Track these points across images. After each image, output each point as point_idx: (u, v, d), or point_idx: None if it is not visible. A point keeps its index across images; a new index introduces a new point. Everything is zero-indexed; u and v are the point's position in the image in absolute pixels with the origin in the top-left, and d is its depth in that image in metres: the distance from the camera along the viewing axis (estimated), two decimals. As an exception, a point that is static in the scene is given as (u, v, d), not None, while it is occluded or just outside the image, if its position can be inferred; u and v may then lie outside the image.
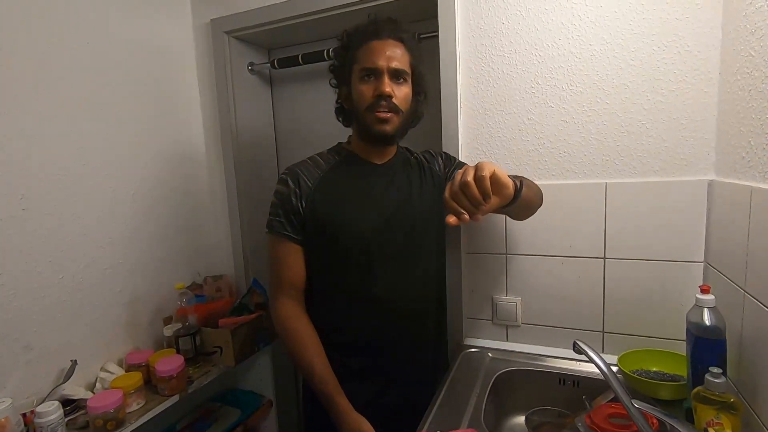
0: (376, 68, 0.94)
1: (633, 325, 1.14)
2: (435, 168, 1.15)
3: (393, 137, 1.00)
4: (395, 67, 0.95)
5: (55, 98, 1.19)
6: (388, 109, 0.95)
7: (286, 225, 1.00)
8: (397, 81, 0.96)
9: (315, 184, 1.01)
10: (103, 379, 1.23)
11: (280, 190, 1.02)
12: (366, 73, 0.96)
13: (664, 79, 1.05)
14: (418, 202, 1.06)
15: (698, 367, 0.83)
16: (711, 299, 0.84)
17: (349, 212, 1.00)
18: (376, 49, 0.95)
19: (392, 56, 0.95)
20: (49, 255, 1.17)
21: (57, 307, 1.19)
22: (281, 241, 1.01)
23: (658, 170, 1.08)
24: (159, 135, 1.50)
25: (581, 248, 1.16)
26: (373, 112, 0.95)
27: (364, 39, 0.97)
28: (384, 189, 1.04)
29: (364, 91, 0.96)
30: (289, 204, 0.99)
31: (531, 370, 1.14)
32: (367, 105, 0.96)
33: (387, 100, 0.94)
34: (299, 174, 1.01)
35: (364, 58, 0.96)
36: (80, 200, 1.25)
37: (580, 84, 1.12)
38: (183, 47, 1.61)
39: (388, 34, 0.97)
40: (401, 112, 0.98)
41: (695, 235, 1.05)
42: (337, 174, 1.04)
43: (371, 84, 0.95)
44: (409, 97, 1.00)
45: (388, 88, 0.93)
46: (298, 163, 1.06)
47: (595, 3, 1.09)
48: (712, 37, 1.00)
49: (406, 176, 1.08)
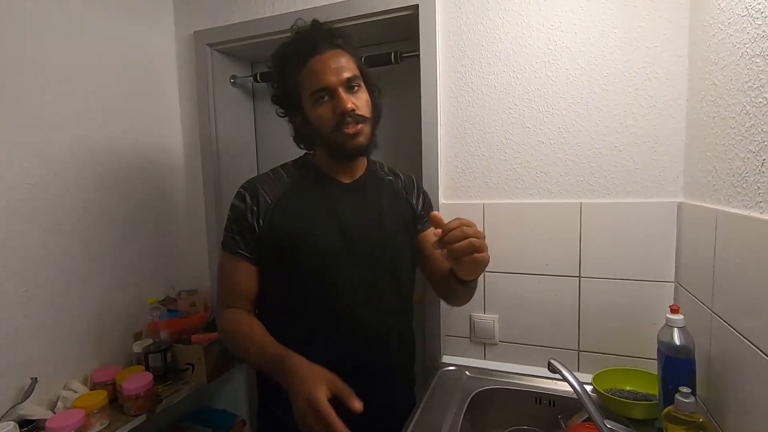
0: (329, 87, 0.87)
1: (607, 343, 1.15)
2: (411, 200, 1.08)
3: (369, 147, 0.94)
4: (346, 77, 0.88)
5: (30, 105, 1.16)
6: (356, 121, 0.89)
7: (240, 243, 0.92)
8: (353, 91, 0.90)
9: (275, 200, 0.93)
10: (66, 397, 1.17)
11: (236, 205, 0.94)
12: (319, 96, 0.89)
13: (635, 104, 1.09)
14: (389, 225, 0.99)
15: (669, 386, 0.84)
16: (680, 319, 0.86)
17: (310, 233, 0.92)
18: (320, 67, 0.88)
19: (339, 67, 0.88)
20: (12, 267, 1.12)
21: (19, 320, 1.13)
22: (234, 259, 0.93)
23: (630, 191, 1.11)
24: (136, 145, 1.47)
25: (557, 267, 1.18)
26: (341, 131, 0.88)
27: (302, 59, 0.90)
28: (351, 210, 0.96)
29: (322, 115, 0.89)
30: (245, 221, 0.92)
31: (508, 389, 1.14)
32: (331, 127, 0.89)
33: (351, 115, 0.88)
34: (258, 189, 0.93)
35: (310, 81, 0.89)
36: (49, 210, 1.21)
37: (556, 106, 1.16)
38: (165, 58, 1.60)
39: (325, 45, 0.89)
40: (368, 119, 0.92)
41: (666, 255, 1.08)
42: (300, 191, 0.96)
43: (328, 105, 0.88)
44: (369, 102, 0.93)
45: (349, 104, 0.87)
46: (259, 176, 0.99)
47: (570, 29, 1.13)
48: (679, 65, 1.05)
49: (376, 196, 1.01)
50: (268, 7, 1.46)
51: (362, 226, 0.95)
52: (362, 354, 0.94)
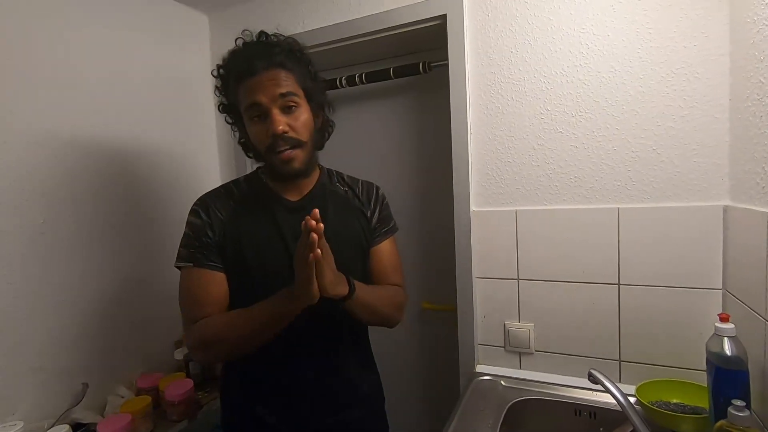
0: (260, 104, 0.85)
1: (651, 353, 1.11)
2: (365, 211, 1.03)
3: (305, 170, 0.91)
4: (279, 93, 0.84)
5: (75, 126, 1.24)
6: (290, 145, 0.86)
7: (209, 255, 0.89)
8: (289, 111, 0.86)
9: (227, 215, 0.92)
10: (113, 402, 1.23)
11: (192, 222, 0.92)
12: (254, 113, 0.86)
13: (674, 105, 1.06)
14: (335, 242, 0.88)
15: (720, 399, 0.80)
16: (731, 328, 0.82)
17: (257, 251, 0.90)
18: (254, 86, 0.85)
19: (273, 86, 0.84)
20: (65, 280, 1.19)
21: (70, 329, 1.20)
22: (203, 272, 0.89)
23: (671, 195, 1.08)
24: (174, 161, 1.54)
25: (594, 274, 1.15)
26: (275, 154, 0.86)
27: (239, 78, 0.87)
28: (296, 229, 0.84)
29: (257, 134, 0.87)
30: (205, 236, 0.90)
31: (545, 400, 1.11)
32: (265, 147, 0.87)
33: (284, 138, 0.85)
34: (209, 205, 0.93)
35: (244, 97, 0.86)
36: (99, 221, 1.28)
37: (590, 110, 1.14)
38: (202, 77, 1.67)
39: (262, 66, 0.85)
40: (304, 143, 0.88)
41: (712, 262, 1.04)
42: (247, 207, 0.94)
43: (263, 124, 0.86)
44: (309, 122, 0.90)
45: (281, 126, 0.84)
46: (210, 192, 0.98)
47: (603, 32, 1.11)
48: (720, 64, 1.01)
49: (322, 213, 0.88)
50: (299, 24, 1.51)
51: None
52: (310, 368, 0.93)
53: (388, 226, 1.06)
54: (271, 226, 0.92)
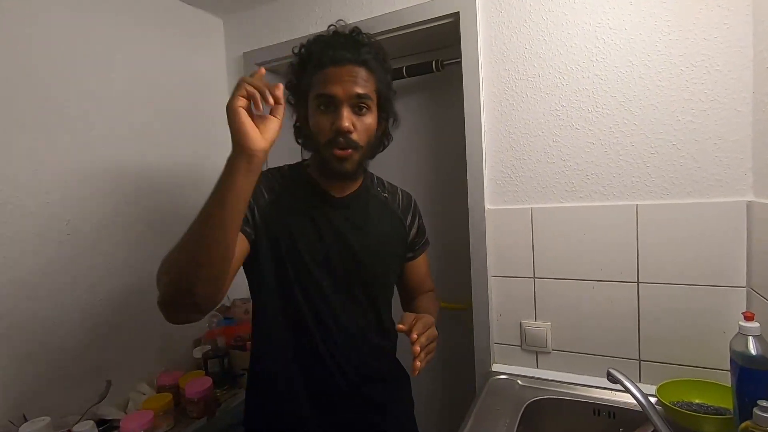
0: (334, 97, 0.83)
1: (672, 353, 1.08)
2: (405, 221, 1.04)
3: (353, 174, 0.90)
4: (357, 92, 0.83)
5: (98, 129, 1.27)
6: (347, 146, 0.84)
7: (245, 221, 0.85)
8: (359, 111, 0.85)
9: (271, 199, 0.90)
10: (135, 399, 1.26)
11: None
12: (323, 102, 0.84)
13: (694, 99, 1.03)
14: (375, 246, 0.95)
15: (745, 399, 0.78)
16: (756, 327, 0.80)
17: (296, 242, 0.88)
18: (333, 76, 0.83)
19: (352, 82, 0.83)
20: (89, 280, 1.23)
21: (96, 328, 1.24)
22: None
23: (691, 191, 1.05)
24: (192, 163, 1.57)
25: (613, 272, 1.13)
26: (332, 149, 0.84)
27: (321, 64, 0.85)
28: (337, 227, 0.92)
29: (320, 124, 0.85)
30: (253, 200, 0.87)
31: (563, 399, 1.10)
32: (325, 140, 0.85)
33: (345, 137, 0.83)
34: (265, 179, 0.92)
35: (318, 85, 0.84)
36: (118, 224, 1.31)
37: (606, 106, 1.12)
38: (217, 79, 1.70)
39: (348, 59, 0.84)
40: (360, 147, 0.86)
41: (735, 259, 1.01)
42: (291, 197, 0.92)
43: (329, 116, 0.84)
44: (372, 129, 0.88)
45: (347, 123, 0.82)
46: (272, 168, 0.97)
47: (620, 26, 1.09)
48: (742, 56, 0.98)
49: (365, 214, 0.97)
50: (311, 25, 1.52)
51: (346, 244, 0.92)
52: (342, 357, 0.92)
53: (423, 239, 1.10)
54: (311, 217, 0.91)
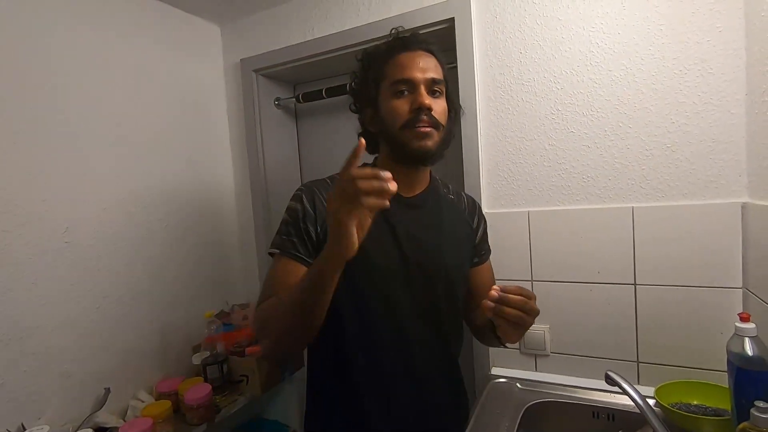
0: (411, 80, 0.83)
1: (669, 354, 1.09)
2: (472, 224, 1.02)
3: (434, 155, 0.86)
4: (432, 77, 0.84)
5: (98, 136, 1.28)
6: (429, 123, 0.83)
7: (299, 246, 0.84)
8: (434, 94, 0.85)
9: None
10: (134, 407, 1.26)
11: (293, 207, 0.87)
12: (399, 88, 0.84)
13: (687, 102, 1.04)
14: (449, 247, 0.93)
15: (742, 400, 0.78)
16: (752, 328, 0.80)
17: (367, 250, 0.79)
18: (407, 61, 0.85)
19: (426, 67, 0.85)
20: (89, 285, 1.23)
21: (94, 335, 1.24)
22: (290, 262, 0.83)
23: (687, 193, 1.06)
24: (189, 169, 1.57)
25: (610, 274, 1.14)
26: (413, 128, 0.82)
27: (391, 53, 0.87)
28: (411, 227, 0.89)
29: (398, 107, 0.84)
30: (303, 224, 0.85)
31: (562, 402, 1.10)
32: (403, 122, 0.83)
33: (428, 114, 0.82)
34: (315, 193, 0.87)
35: (394, 72, 0.85)
36: (118, 232, 1.31)
37: (601, 109, 1.13)
38: (214, 86, 1.71)
39: (417, 45, 0.87)
40: (442, 126, 0.85)
41: (731, 260, 1.01)
42: None
43: (406, 98, 0.84)
44: (447, 112, 0.88)
45: (428, 100, 0.82)
46: (316, 180, 0.93)
47: (613, 30, 1.10)
48: (735, 59, 0.99)
49: (437, 215, 0.94)
50: (308, 31, 1.53)
51: (421, 245, 0.89)
52: (412, 376, 0.89)
53: (488, 245, 1.08)
54: (383, 222, 0.86)
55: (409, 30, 0.94)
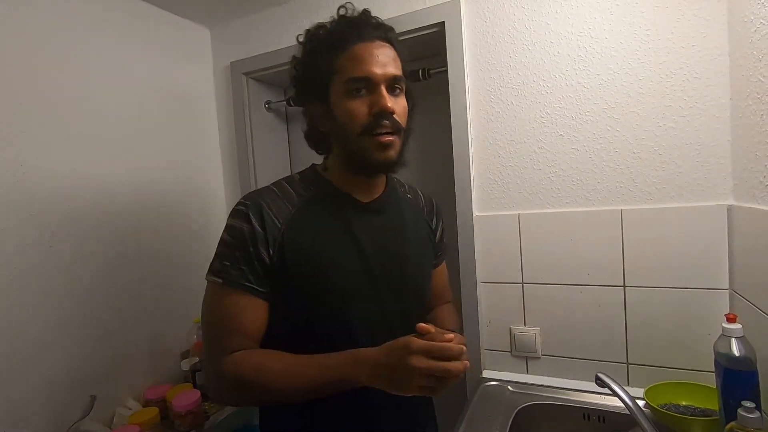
0: (370, 78, 0.72)
1: (659, 355, 1.10)
2: (431, 224, 0.96)
3: (396, 164, 0.78)
4: (392, 73, 0.74)
5: (84, 139, 1.26)
6: (392, 129, 0.73)
7: (248, 274, 0.73)
8: (394, 93, 0.75)
9: (285, 223, 0.75)
10: (122, 414, 1.24)
11: (238, 227, 0.75)
12: (355, 86, 0.73)
13: (674, 105, 1.06)
14: (414, 251, 0.85)
15: (730, 400, 0.79)
16: (738, 328, 0.81)
17: (328, 265, 0.76)
18: (364, 54, 0.73)
19: (386, 61, 0.74)
20: (74, 290, 1.20)
21: (79, 342, 1.21)
22: (239, 294, 0.73)
23: (674, 196, 1.07)
24: (178, 172, 1.56)
25: (599, 276, 1.14)
26: (373, 135, 0.73)
27: (344, 42, 0.74)
28: (373, 236, 0.80)
29: (355, 110, 0.73)
30: (253, 247, 0.73)
31: (554, 405, 1.10)
32: (362, 127, 0.73)
33: (390, 119, 0.73)
34: (263, 209, 0.75)
35: (349, 67, 0.73)
36: (104, 236, 1.29)
37: (590, 113, 1.14)
38: (204, 89, 1.69)
39: (376, 34, 0.75)
40: (403, 131, 0.77)
41: (718, 261, 1.03)
42: (313, 213, 0.78)
43: (364, 99, 0.73)
44: (407, 110, 0.79)
45: (390, 103, 0.72)
46: (262, 191, 0.80)
47: (601, 35, 1.11)
48: (720, 63, 1.01)
49: (399, 218, 0.86)
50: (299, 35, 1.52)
51: (386, 253, 0.81)
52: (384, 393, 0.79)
53: (444, 245, 1.02)
54: (343, 232, 0.79)
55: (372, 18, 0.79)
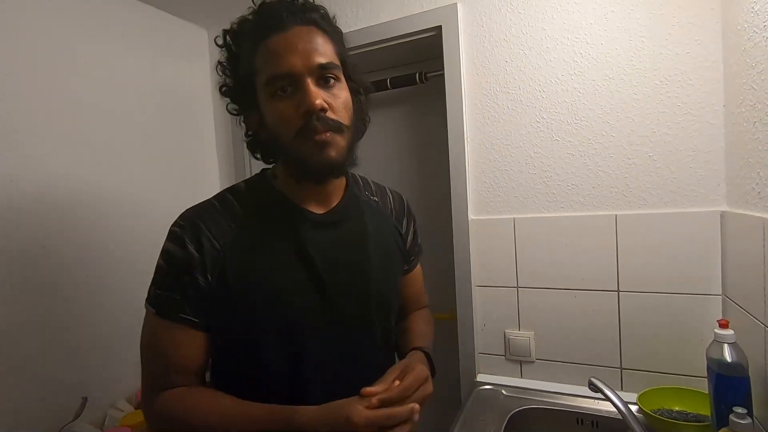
0: (291, 73, 0.63)
1: (652, 360, 1.10)
2: (400, 228, 0.88)
3: (342, 165, 0.68)
4: (319, 62, 0.64)
5: (81, 138, 1.25)
6: (327, 128, 0.64)
7: (183, 304, 0.66)
8: (327, 84, 0.66)
9: (226, 245, 0.67)
10: (113, 416, 1.23)
11: (172, 252, 0.67)
12: (278, 86, 0.64)
13: (668, 112, 1.06)
14: (378, 270, 0.76)
15: (722, 406, 0.80)
16: (731, 334, 0.82)
17: (275, 290, 0.68)
18: (281, 46, 0.64)
19: (309, 49, 0.64)
20: (66, 291, 1.19)
21: (70, 343, 1.20)
22: (173, 326, 0.66)
23: (668, 201, 1.08)
24: (173, 173, 1.55)
25: (594, 281, 1.15)
26: (306, 138, 0.64)
27: (261, 35, 0.65)
28: (329, 254, 0.71)
29: (282, 112, 0.65)
30: (188, 275, 0.66)
31: (547, 409, 1.10)
32: (294, 131, 0.64)
33: (321, 119, 0.64)
34: (201, 230, 0.67)
35: (267, 64, 0.65)
36: (97, 237, 1.28)
37: (585, 118, 1.14)
38: (201, 89, 1.69)
39: (294, 20, 0.65)
40: (345, 127, 0.67)
41: (711, 267, 1.03)
42: (258, 230, 0.70)
43: (290, 99, 0.64)
44: (349, 104, 0.69)
45: (319, 100, 0.63)
46: (200, 207, 0.72)
47: (596, 41, 1.12)
48: (714, 71, 1.02)
49: (360, 229, 0.77)
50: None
51: (345, 272, 0.72)
52: None
53: (418, 247, 0.94)
54: (294, 255, 0.69)
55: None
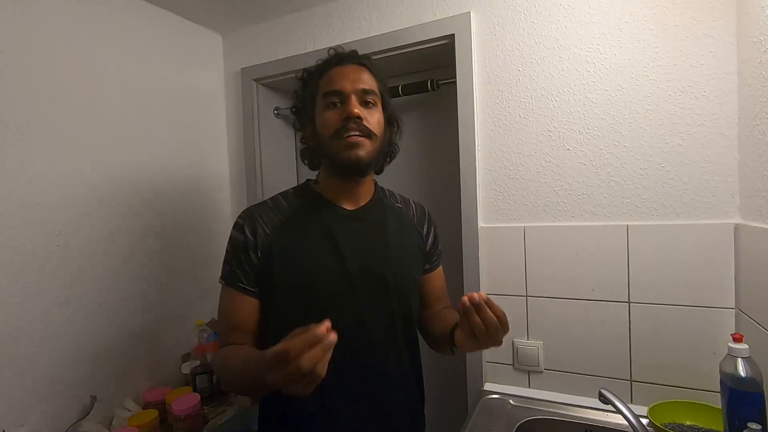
0: (341, 91, 0.84)
1: (663, 373, 1.09)
2: (421, 232, 1.01)
3: (367, 165, 0.86)
4: (362, 87, 0.85)
5: (95, 140, 1.27)
6: (359, 131, 0.83)
7: (241, 276, 0.85)
8: (367, 105, 0.86)
9: (273, 231, 0.87)
10: (121, 416, 1.23)
11: (234, 237, 0.88)
12: (330, 100, 0.85)
13: (681, 123, 1.06)
14: (396, 258, 0.91)
15: (735, 421, 0.78)
16: (745, 348, 0.81)
17: (309, 267, 0.85)
18: (338, 74, 0.87)
19: (357, 78, 0.86)
20: (78, 290, 1.21)
21: (79, 343, 1.21)
22: (235, 294, 0.86)
23: (681, 213, 1.07)
24: (186, 175, 1.57)
25: (604, 291, 1.14)
26: (341, 137, 0.83)
27: (325, 68, 0.90)
28: (355, 240, 0.88)
29: (328, 119, 0.85)
30: (244, 253, 0.85)
31: (555, 420, 1.09)
32: (333, 131, 0.84)
33: (356, 122, 0.82)
34: (256, 219, 0.88)
35: (326, 85, 0.87)
36: (110, 236, 1.30)
37: (598, 128, 1.14)
38: (214, 94, 1.71)
39: (350, 60, 0.90)
40: (374, 135, 0.85)
41: (724, 280, 1.02)
42: (300, 220, 0.89)
43: (337, 110, 0.84)
44: (382, 123, 0.89)
45: (357, 109, 0.83)
46: (257, 204, 0.94)
47: (609, 51, 1.12)
48: (728, 82, 1.01)
49: (382, 224, 0.93)
50: (309, 43, 1.55)
51: (365, 255, 0.88)
52: (366, 395, 0.86)
53: (439, 250, 1.05)
54: (325, 240, 0.87)
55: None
